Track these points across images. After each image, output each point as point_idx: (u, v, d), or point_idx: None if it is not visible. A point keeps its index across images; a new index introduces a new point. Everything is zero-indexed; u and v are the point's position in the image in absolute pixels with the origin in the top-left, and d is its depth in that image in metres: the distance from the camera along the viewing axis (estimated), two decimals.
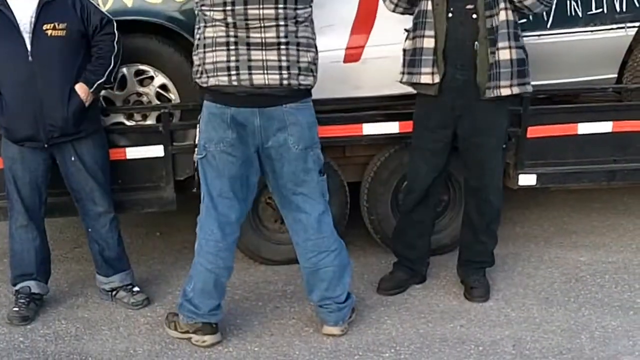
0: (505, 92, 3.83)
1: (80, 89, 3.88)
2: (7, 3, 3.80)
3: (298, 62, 3.49)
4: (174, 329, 3.85)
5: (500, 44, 3.78)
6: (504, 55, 3.79)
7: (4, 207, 4.15)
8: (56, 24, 3.81)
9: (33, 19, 3.79)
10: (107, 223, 4.13)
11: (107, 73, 3.94)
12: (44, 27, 3.80)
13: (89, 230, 4.17)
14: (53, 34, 3.80)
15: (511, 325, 3.96)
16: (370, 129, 4.44)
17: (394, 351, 3.73)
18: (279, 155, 3.58)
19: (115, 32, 3.95)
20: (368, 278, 4.50)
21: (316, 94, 3.67)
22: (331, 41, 4.23)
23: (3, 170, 4.02)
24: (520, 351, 3.72)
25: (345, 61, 4.36)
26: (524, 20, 4.31)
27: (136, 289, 4.26)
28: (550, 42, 4.49)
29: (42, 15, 3.80)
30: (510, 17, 3.80)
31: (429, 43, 3.87)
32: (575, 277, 4.54)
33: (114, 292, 4.25)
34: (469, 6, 3.82)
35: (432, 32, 3.86)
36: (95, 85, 3.91)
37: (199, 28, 3.54)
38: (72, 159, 3.97)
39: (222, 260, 3.68)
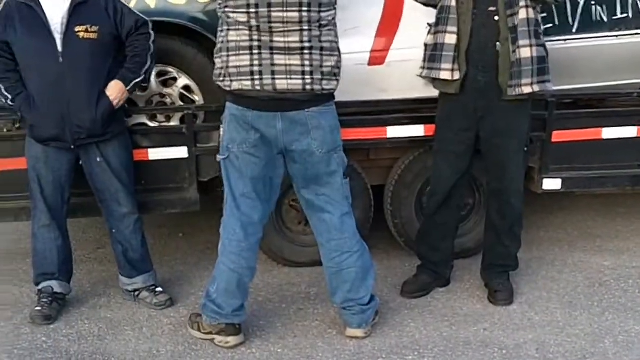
0: (527, 90, 3.83)
1: (116, 86, 3.87)
2: (38, 1, 3.78)
3: (321, 67, 3.48)
4: (197, 330, 3.85)
5: (520, 42, 3.77)
6: (524, 53, 3.78)
7: (27, 208, 4.16)
8: (88, 27, 3.78)
9: (65, 20, 3.76)
10: (131, 224, 4.13)
11: (143, 71, 3.94)
12: (76, 29, 3.77)
13: (113, 231, 4.17)
14: (85, 37, 3.77)
15: (535, 329, 3.94)
16: (395, 131, 4.43)
17: (418, 354, 3.72)
18: (302, 158, 3.58)
19: (151, 32, 3.93)
20: (391, 281, 4.49)
21: (340, 96, 3.66)
22: (356, 44, 4.22)
23: (27, 169, 4.01)
24: (544, 355, 3.70)
25: (369, 64, 4.35)
26: (550, 25, 4.32)
27: (159, 289, 4.27)
28: (576, 46, 4.47)
29: (74, 16, 3.77)
30: (531, 15, 3.79)
31: (450, 39, 3.87)
32: (599, 282, 4.51)
33: (136, 293, 4.25)
34: (491, 8, 3.82)
35: (454, 29, 3.86)
36: (132, 83, 3.92)
37: (222, 31, 3.53)
38: (98, 159, 3.97)
39: (245, 261, 3.69)
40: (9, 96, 3.84)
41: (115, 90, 3.87)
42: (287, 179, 3.75)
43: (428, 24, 4.04)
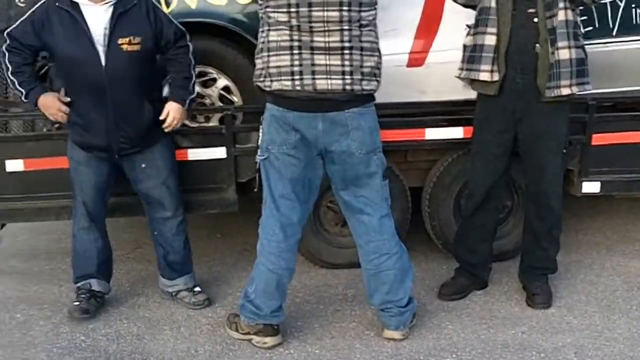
0: (565, 91, 3.81)
1: (177, 110, 3.88)
2: (79, 8, 3.70)
3: (361, 67, 3.47)
4: (235, 330, 3.87)
5: (559, 44, 3.75)
6: (563, 55, 3.76)
7: (68, 207, 4.20)
8: (131, 39, 3.71)
9: (107, 32, 3.69)
10: (174, 227, 4.13)
11: (192, 86, 3.94)
12: (119, 41, 3.70)
13: (155, 233, 4.19)
14: (128, 49, 3.71)
15: (573, 333, 3.92)
16: (434, 133, 4.43)
17: (455, 356, 3.71)
18: (342, 159, 3.57)
19: (189, 43, 3.89)
20: (429, 283, 4.48)
21: (379, 97, 3.66)
22: (395, 45, 4.21)
23: (69, 170, 4.04)
24: (582, 358, 3.68)
25: (408, 65, 4.35)
26: (590, 28, 4.30)
27: (197, 289, 4.28)
28: (616, 49, 4.43)
29: (118, 27, 3.69)
30: (570, 17, 3.78)
31: (490, 40, 3.86)
32: (637, 285, 4.48)
33: (175, 293, 4.27)
34: (530, 10, 3.81)
35: (494, 30, 3.84)
36: (188, 101, 3.93)
37: (262, 31, 3.54)
38: (143, 166, 3.97)
39: (284, 261, 3.69)
40: (23, 91, 3.82)
41: (177, 113, 3.89)
42: (325, 180, 3.75)
43: (467, 25, 4.03)
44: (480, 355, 3.71)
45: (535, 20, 3.79)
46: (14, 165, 4.23)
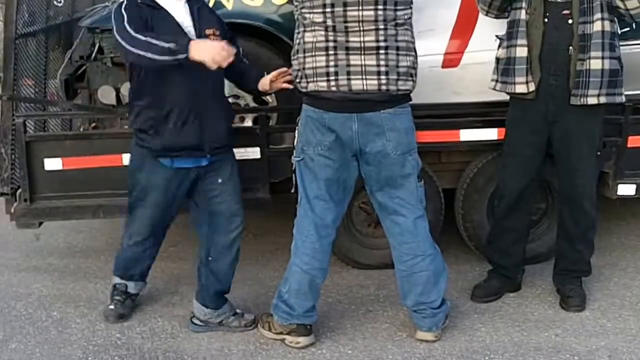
0: (592, 100, 3.80)
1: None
2: (159, 4, 3.60)
3: (397, 66, 3.47)
4: (268, 330, 3.89)
5: (592, 53, 3.73)
6: (595, 64, 3.74)
7: (104, 205, 4.28)
8: (214, 30, 3.65)
9: (196, 24, 3.62)
10: (234, 254, 3.95)
11: None
12: (207, 32, 3.61)
13: (209, 259, 3.94)
14: (214, 40, 3.58)
15: (607, 336, 3.89)
16: (468, 135, 4.42)
17: (488, 359, 3.70)
18: (377, 160, 3.57)
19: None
20: (462, 285, 4.48)
21: (413, 98, 3.65)
22: (430, 46, 4.21)
23: (134, 183, 3.84)
24: None
25: (443, 66, 4.35)
26: (627, 29, 4.23)
27: (239, 311, 4.09)
28: None
29: (202, 20, 3.64)
30: (607, 28, 3.75)
31: (522, 52, 3.86)
32: None
33: (221, 321, 4.02)
34: (565, 11, 3.79)
35: (524, 42, 3.85)
36: None
37: (298, 32, 3.56)
38: (219, 181, 3.83)
39: (318, 262, 3.71)
40: (174, 45, 3.38)
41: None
42: (358, 181, 3.75)
43: (497, 36, 4.03)
44: (513, 358, 3.69)
45: (570, 22, 3.78)
46: (53, 163, 4.28)
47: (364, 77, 3.45)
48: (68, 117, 4.85)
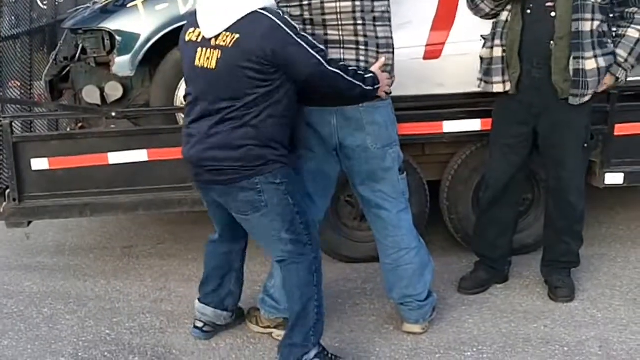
0: (589, 97, 3.82)
1: None
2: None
3: (376, 62, 3.45)
4: (255, 324, 3.90)
5: (586, 54, 3.72)
6: (589, 65, 3.74)
7: (91, 204, 4.30)
8: None
9: None
10: None
11: None
12: None
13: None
14: None
15: (597, 326, 3.89)
16: (451, 126, 4.40)
17: (476, 350, 3.70)
18: (357, 155, 3.56)
19: None
20: (448, 277, 4.46)
21: (395, 90, 3.64)
22: (411, 38, 4.21)
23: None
24: (607, 352, 3.65)
25: (425, 58, 4.33)
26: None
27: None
28: None
29: None
30: (595, 27, 3.73)
31: (498, 52, 3.92)
32: None
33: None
34: (548, 3, 3.78)
35: (502, 42, 3.89)
36: None
37: None
38: None
39: None
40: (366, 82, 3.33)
41: None
42: (343, 175, 3.75)
43: (482, 36, 4.03)
44: (501, 350, 3.69)
45: (553, 14, 3.76)
46: (40, 163, 4.28)
47: None
48: (54, 118, 4.86)
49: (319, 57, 3.13)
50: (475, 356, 3.65)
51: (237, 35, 3.06)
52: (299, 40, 3.09)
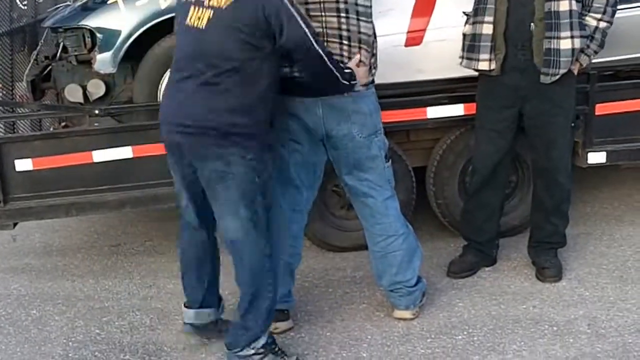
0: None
1: None
2: None
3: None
4: None
5: (562, 34, 3.74)
6: (565, 44, 3.76)
7: (77, 203, 4.27)
8: None
9: None
10: None
11: None
12: None
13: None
14: None
15: (585, 305, 3.93)
16: (435, 112, 4.42)
17: (467, 333, 3.72)
18: (343, 144, 3.56)
19: None
20: (437, 262, 4.49)
21: (378, 78, 3.65)
22: (392, 25, 4.22)
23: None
24: (596, 330, 3.68)
25: (406, 45, 4.33)
26: None
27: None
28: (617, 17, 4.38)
29: None
30: (574, 7, 3.75)
31: (487, 29, 3.88)
32: None
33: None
34: None
35: (491, 18, 3.85)
36: None
37: None
38: None
39: (291, 247, 3.72)
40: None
41: None
42: (330, 165, 3.75)
43: (465, 13, 4.02)
44: (491, 332, 3.72)
45: None
46: (23, 164, 4.25)
47: None
48: (37, 118, 4.82)
49: (308, 32, 3.14)
50: (466, 339, 3.67)
51: None
52: (293, 10, 3.11)
